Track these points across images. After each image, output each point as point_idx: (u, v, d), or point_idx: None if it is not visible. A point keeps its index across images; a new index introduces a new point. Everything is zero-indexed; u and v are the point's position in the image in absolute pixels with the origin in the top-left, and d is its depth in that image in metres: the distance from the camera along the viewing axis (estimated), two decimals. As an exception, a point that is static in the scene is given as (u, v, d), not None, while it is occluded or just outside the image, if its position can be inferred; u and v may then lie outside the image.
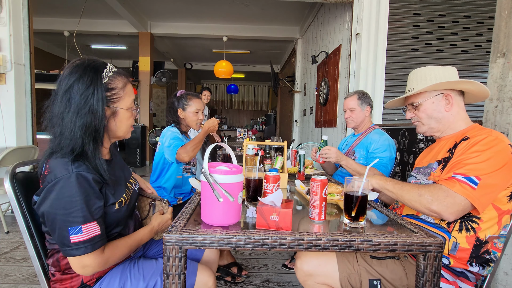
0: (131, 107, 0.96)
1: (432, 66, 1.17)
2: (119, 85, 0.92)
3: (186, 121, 1.98)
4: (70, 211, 0.80)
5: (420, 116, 1.19)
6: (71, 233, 0.80)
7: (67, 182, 0.80)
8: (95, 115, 0.85)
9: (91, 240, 0.82)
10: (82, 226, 0.81)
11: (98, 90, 0.86)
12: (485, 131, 1.04)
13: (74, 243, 0.80)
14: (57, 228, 0.81)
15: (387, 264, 1.05)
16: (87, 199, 0.82)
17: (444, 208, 0.95)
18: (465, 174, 0.96)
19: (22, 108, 3.16)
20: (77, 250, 0.81)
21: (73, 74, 0.85)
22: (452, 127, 1.15)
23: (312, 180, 0.97)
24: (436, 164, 1.12)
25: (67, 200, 0.80)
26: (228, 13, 5.45)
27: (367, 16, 3.11)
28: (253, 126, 11.56)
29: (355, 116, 1.98)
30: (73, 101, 0.84)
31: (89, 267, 0.84)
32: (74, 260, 0.83)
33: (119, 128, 0.95)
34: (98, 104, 0.85)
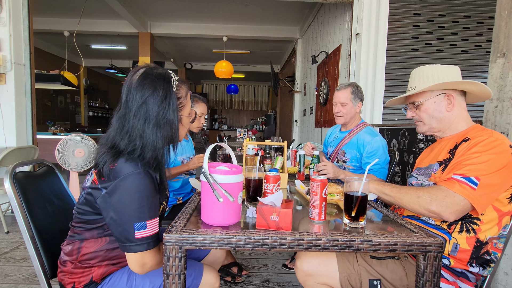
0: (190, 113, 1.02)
1: (435, 65, 1.16)
2: (183, 94, 0.96)
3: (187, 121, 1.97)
4: (138, 206, 0.82)
5: (421, 116, 1.18)
6: (136, 229, 0.82)
7: (137, 177, 0.82)
8: (172, 125, 0.89)
9: (153, 236, 0.85)
10: (147, 222, 0.83)
11: (173, 101, 0.89)
12: (486, 132, 1.04)
13: (138, 238, 0.82)
14: (123, 223, 0.82)
15: (387, 264, 1.05)
16: (153, 196, 0.85)
17: (443, 208, 0.95)
18: (464, 174, 0.96)
19: (22, 108, 3.16)
20: (140, 245, 0.82)
21: (146, 86, 0.87)
22: (453, 127, 1.14)
23: (312, 180, 0.97)
24: (437, 165, 1.12)
25: (137, 195, 0.81)
26: (228, 13, 5.44)
27: (367, 16, 3.11)
28: (253, 126, 11.56)
29: (346, 111, 1.85)
30: (151, 113, 0.86)
31: (147, 264, 0.85)
32: (135, 256, 0.83)
33: (181, 134, 1.00)
34: (174, 115, 0.89)
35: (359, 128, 1.86)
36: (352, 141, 1.84)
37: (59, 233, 1.11)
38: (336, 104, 1.88)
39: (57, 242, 1.09)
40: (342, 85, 1.89)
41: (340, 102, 1.85)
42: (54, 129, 5.86)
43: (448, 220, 0.98)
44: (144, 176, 0.83)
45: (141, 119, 0.86)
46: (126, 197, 0.81)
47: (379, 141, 1.75)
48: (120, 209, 0.82)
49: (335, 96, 1.88)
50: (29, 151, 2.91)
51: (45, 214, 1.09)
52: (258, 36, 6.17)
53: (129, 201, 0.81)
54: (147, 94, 0.86)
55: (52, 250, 1.05)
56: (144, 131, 0.86)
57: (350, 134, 1.87)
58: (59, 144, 3.01)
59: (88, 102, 9.57)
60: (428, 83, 1.12)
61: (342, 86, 1.87)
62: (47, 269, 1.00)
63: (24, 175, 1.06)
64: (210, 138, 10.50)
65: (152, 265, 0.87)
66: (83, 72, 8.76)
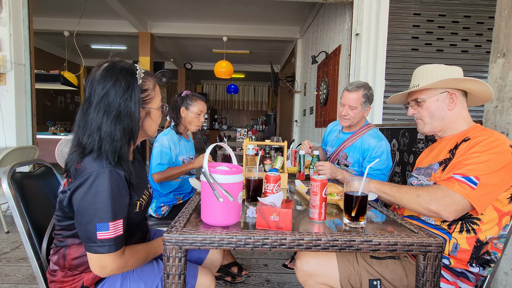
0: (160, 106, 0.98)
1: (438, 64, 1.15)
2: (151, 86, 0.94)
3: (186, 120, 1.96)
4: (100, 206, 0.79)
5: (423, 114, 1.17)
6: (98, 229, 0.79)
7: (102, 176, 0.80)
8: (133, 117, 0.87)
9: (116, 239, 0.81)
10: (110, 223, 0.80)
11: (135, 93, 0.86)
12: (486, 132, 1.04)
13: (100, 240, 0.79)
14: (85, 223, 0.80)
15: (387, 264, 1.05)
16: (118, 196, 0.82)
17: (442, 208, 0.95)
18: (464, 174, 0.95)
19: (22, 108, 3.16)
20: (101, 247, 0.80)
21: (108, 77, 0.85)
22: (454, 127, 1.14)
23: (312, 180, 0.97)
24: (437, 165, 1.12)
25: (100, 194, 0.79)
26: (228, 13, 5.44)
27: (367, 16, 3.11)
28: (253, 126, 11.56)
29: (353, 115, 1.72)
30: (112, 105, 0.84)
31: (108, 268, 0.83)
32: (95, 258, 0.81)
33: (150, 128, 0.97)
34: (135, 106, 0.86)
35: (364, 130, 1.76)
36: (355, 144, 1.75)
37: (59, 233, 1.11)
38: (344, 106, 1.72)
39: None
40: (354, 85, 1.71)
41: (350, 105, 1.69)
42: (54, 129, 5.86)
43: (448, 219, 0.97)
44: (109, 175, 0.80)
45: (101, 111, 0.84)
46: (89, 196, 0.79)
47: (383, 146, 1.67)
48: (83, 208, 0.80)
49: (345, 97, 1.72)
50: (29, 151, 2.91)
51: (44, 214, 1.08)
52: (258, 36, 6.17)
53: (91, 200, 0.79)
54: (109, 85, 0.84)
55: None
56: (102, 123, 0.84)
57: (353, 137, 1.78)
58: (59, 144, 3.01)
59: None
60: (432, 81, 1.11)
61: (354, 87, 1.70)
62: (46, 269, 0.99)
63: (22, 176, 1.05)
64: (210, 138, 10.49)
65: (112, 269, 0.83)
66: (83, 72, 8.75)
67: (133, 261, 0.89)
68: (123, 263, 0.85)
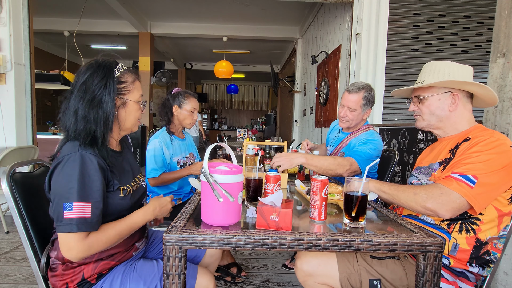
0: (139, 101, 1.05)
1: (449, 62, 1.14)
2: (129, 80, 1.01)
3: (180, 118, 1.91)
4: (68, 187, 0.83)
5: (423, 111, 1.16)
6: (64, 209, 0.82)
7: (71, 159, 0.86)
8: (107, 104, 0.94)
9: (79, 220, 0.83)
10: (74, 204, 0.83)
11: (110, 82, 0.95)
12: (487, 132, 1.03)
13: (65, 219, 0.82)
14: (55, 203, 0.84)
15: (387, 264, 1.05)
16: (87, 179, 0.86)
17: (439, 206, 0.95)
18: (462, 172, 0.95)
19: (22, 108, 3.16)
20: (65, 226, 0.82)
21: (89, 69, 0.95)
22: (455, 127, 1.14)
23: (312, 180, 0.97)
24: (438, 165, 1.11)
25: (68, 175, 0.84)
26: (228, 13, 5.44)
27: (367, 16, 3.11)
28: (253, 126, 11.56)
29: (352, 117, 1.69)
30: (88, 91, 0.93)
31: (73, 249, 0.84)
32: (61, 238, 0.84)
33: (127, 119, 1.03)
34: (110, 94, 0.94)
35: (361, 130, 1.76)
36: (350, 143, 1.75)
37: (59, 233, 1.11)
38: (344, 107, 1.70)
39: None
40: (355, 86, 1.68)
41: (349, 106, 1.66)
42: (54, 129, 5.86)
43: (444, 217, 0.97)
44: (79, 158, 0.86)
45: (77, 96, 0.93)
46: (59, 178, 0.85)
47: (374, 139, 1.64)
48: (54, 189, 0.85)
49: (345, 98, 1.69)
50: (29, 151, 2.91)
51: (43, 214, 1.08)
52: (258, 36, 6.17)
53: (61, 182, 0.84)
54: (87, 75, 0.94)
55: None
56: (78, 107, 0.92)
57: (350, 136, 1.79)
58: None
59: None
60: (438, 79, 1.11)
61: (355, 88, 1.67)
62: (45, 269, 0.99)
63: (21, 176, 1.05)
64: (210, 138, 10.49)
65: (78, 251, 0.84)
66: (83, 72, 8.75)
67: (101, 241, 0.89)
68: (87, 246, 0.85)
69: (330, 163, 1.51)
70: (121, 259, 1.02)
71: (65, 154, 0.86)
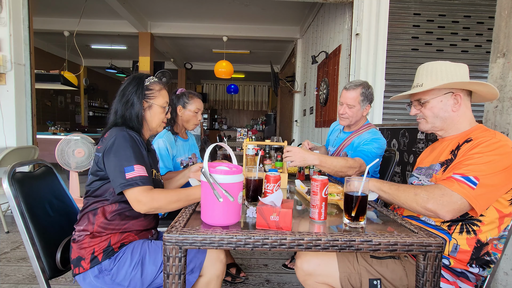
0: (164, 106, 1.26)
1: (443, 62, 1.12)
2: (156, 88, 1.25)
3: (184, 119, 1.92)
4: (125, 155, 1.04)
5: (426, 114, 1.14)
6: (126, 171, 1.02)
7: (122, 136, 1.08)
8: (136, 105, 1.19)
9: (141, 177, 1.03)
10: (135, 166, 1.04)
11: (140, 89, 1.20)
12: (489, 133, 1.03)
13: (128, 178, 1.01)
14: (116, 169, 1.03)
15: (387, 264, 1.05)
16: (137, 149, 1.08)
17: (440, 207, 0.94)
18: (464, 174, 0.95)
19: (22, 108, 3.16)
20: (131, 184, 1.01)
21: (127, 81, 1.24)
22: (457, 127, 1.13)
23: (312, 180, 0.97)
24: (439, 166, 1.11)
25: (123, 147, 1.05)
26: (228, 13, 5.44)
27: (367, 16, 3.11)
28: (253, 126, 11.56)
29: (351, 114, 1.71)
30: (125, 96, 1.19)
31: (142, 202, 1.02)
32: (129, 194, 1.02)
33: (153, 119, 1.25)
34: (138, 98, 1.19)
35: (363, 129, 1.76)
36: (353, 142, 1.75)
37: (58, 233, 1.11)
38: (342, 105, 1.72)
39: (57, 242, 1.09)
40: (352, 84, 1.71)
41: (347, 103, 1.69)
42: (54, 129, 5.86)
43: (444, 218, 0.97)
44: (126, 134, 1.08)
45: (118, 100, 1.20)
46: (115, 149, 1.05)
47: (378, 138, 1.65)
48: (113, 159, 1.04)
49: (343, 95, 1.72)
50: (29, 151, 2.91)
51: (44, 214, 1.09)
52: (258, 36, 6.17)
53: (117, 152, 1.05)
54: (126, 84, 1.22)
55: (52, 250, 1.05)
56: (118, 108, 1.19)
57: (352, 135, 1.78)
58: (59, 144, 3.01)
59: (88, 102, 9.57)
60: (436, 80, 1.09)
61: (352, 86, 1.70)
62: (46, 269, 1.00)
63: (22, 175, 1.05)
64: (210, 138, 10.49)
65: (146, 202, 1.02)
66: (83, 72, 8.76)
67: (163, 197, 1.05)
68: (153, 196, 1.03)
69: (342, 165, 1.51)
70: (141, 236, 1.16)
71: (115, 134, 1.07)
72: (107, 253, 1.06)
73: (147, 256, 1.07)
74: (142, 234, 1.17)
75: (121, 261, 1.06)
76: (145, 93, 1.21)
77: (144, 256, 1.07)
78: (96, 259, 1.05)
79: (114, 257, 1.06)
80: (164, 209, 1.06)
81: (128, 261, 1.06)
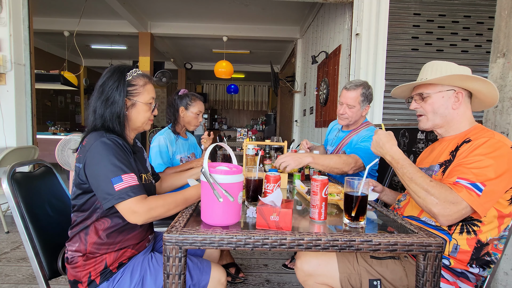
0: (149, 103, 1.13)
1: (449, 62, 1.13)
2: (140, 83, 1.11)
3: (185, 120, 1.96)
4: (109, 165, 0.93)
5: (426, 109, 1.14)
6: (114, 183, 0.91)
7: (102, 142, 0.96)
8: (117, 104, 1.05)
9: (132, 187, 0.93)
10: (122, 176, 0.93)
11: (121, 85, 1.06)
12: (488, 133, 1.02)
13: (118, 190, 0.91)
14: (101, 182, 0.92)
15: (387, 264, 1.05)
16: (122, 155, 0.97)
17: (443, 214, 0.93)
18: (471, 180, 0.93)
19: (22, 108, 3.16)
20: (122, 196, 0.91)
21: (107, 73, 1.09)
22: (456, 127, 1.12)
23: (312, 180, 0.97)
24: (438, 167, 1.10)
25: (105, 156, 0.94)
26: (228, 13, 5.44)
27: (367, 16, 3.11)
28: (253, 126, 11.55)
29: (351, 114, 1.72)
30: (104, 93, 1.06)
31: (137, 213, 0.92)
32: (123, 207, 0.92)
33: (137, 118, 1.12)
34: (120, 95, 1.05)
35: (362, 127, 1.78)
36: (351, 141, 1.76)
37: (58, 234, 1.11)
38: (342, 105, 1.73)
39: (56, 243, 1.08)
40: (353, 84, 1.71)
41: (348, 103, 1.70)
42: (54, 129, 5.86)
43: (442, 225, 0.97)
44: (107, 140, 0.97)
45: (96, 97, 1.06)
46: (97, 160, 0.94)
47: None
48: (96, 172, 0.93)
49: (343, 95, 1.72)
50: (29, 151, 2.91)
51: (44, 214, 1.08)
52: (258, 36, 6.17)
53: (100, 162, 0.93)
54: (105, 78, 1.07)
55: (51, 251, 1.05)
56: (96, 107, 1.06)
57: (351, 134, 1.79)
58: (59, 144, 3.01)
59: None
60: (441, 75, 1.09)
61: (353, 86, 1.70)
62: (46, 269, 0.99)
63: (22, 176, 1.05)
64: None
65: (141, 212, 0.93)
66: (83, 72, 8.76)
67: (159, 204, 0.97)
68: (149, 206, 0.94)
69: (336, 161, 1.53)
70: (138, 249, 1.09)
71: (93, 141, 0.96)
72: (104, 275, 1.00)
73: (148, 276, 1.02)
74: (139, 246, 1.09)
75: (121, 283, 1.00)
76: (127, 89, 1.07)
77: (145, 276, 1.02)
78: (94, 283, 0.99)
79: (112, 279, 1.00)
80: (163, 216, 0.99)
81: (127, 283, 1.00)
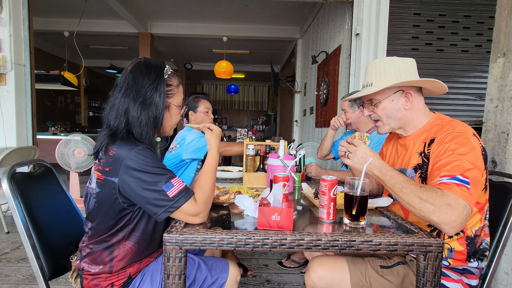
0: (181, 105, 1.05)
1: (390, 58, 1.11)
2: (175, 83, 1.02)
3: (198, 122, 2.00)
4: (156, 172, 0.86)
5: (380, 115, 1.12)
6: (166, 190, 0.85)
7: (138, 151, 0.87)
8: (157, 107, 0.94)
9: (183, 190, 0.88)
10: (172, 181, 0.87)
11: (161, 85, 0.95)
12: (447, 126, 1.00)
13: (173, 196, 0.85)
14: (152, 192, 0.85)
15: (398, 271, 1.03)
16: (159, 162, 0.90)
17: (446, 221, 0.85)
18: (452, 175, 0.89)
19: (22, 108, 3.16)
20: (179, 201, 0.86)
21: (138, 70, 0.95)
22: (414, 125, 1.11)
23: (322, 180, 0.97)
24: (412, 172, 1.07)
25: (147, 166, 0.85)
26: (228, 13, 5.44)
27: (367, 16, 3.11)
28: (253, 126, 11.55)
29: (347, 116, 1.98)
30: (139, 93, 0.92)
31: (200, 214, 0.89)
32: (181, 213, 0.87)
33: (168, 122, 1.03)
34: (160, 98, 0.95)
35: (370, 131, 1.88)
36: None
37: (58, 234, 1.11)
38: None
39: (56, 243, 1.08)
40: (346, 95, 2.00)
41: (342, 108, 2.00)
42: (54, 129, 5.86)
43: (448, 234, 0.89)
44: (144, 148, 0.88)
45: (128, 97, 0.92)
46: (140, 172, 0.85)
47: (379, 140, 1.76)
48: (139, 184, 0.85)
49: None
50: (29, 151, 2.91)
51: (44, 214, 1.08)
52: (258, 36, 6.16)
53: (145, 173, 0.85)
54: (138, 75, 0.93)
55: (51, 251, 1.04)
56: (129, 108, 0.92)
57: None
58: (59, 145, 3.01)
59: (88, 103, 9.57)
60: (385, 78, 1.07)
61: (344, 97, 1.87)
62: (46, 270, 0.99)
63: (22, 176, 1.05)
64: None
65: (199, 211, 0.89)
66: (83, 72, 8.75)
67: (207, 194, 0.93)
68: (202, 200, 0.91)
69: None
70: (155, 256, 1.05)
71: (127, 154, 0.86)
72: (126, 284, 0.97)
73: None
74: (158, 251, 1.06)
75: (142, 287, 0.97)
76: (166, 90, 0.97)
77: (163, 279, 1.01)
78: None
79: (132, 284, 0.97)
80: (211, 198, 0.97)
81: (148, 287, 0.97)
